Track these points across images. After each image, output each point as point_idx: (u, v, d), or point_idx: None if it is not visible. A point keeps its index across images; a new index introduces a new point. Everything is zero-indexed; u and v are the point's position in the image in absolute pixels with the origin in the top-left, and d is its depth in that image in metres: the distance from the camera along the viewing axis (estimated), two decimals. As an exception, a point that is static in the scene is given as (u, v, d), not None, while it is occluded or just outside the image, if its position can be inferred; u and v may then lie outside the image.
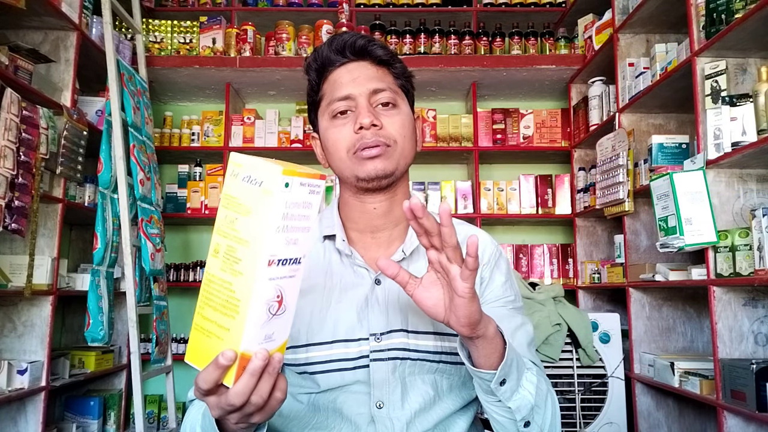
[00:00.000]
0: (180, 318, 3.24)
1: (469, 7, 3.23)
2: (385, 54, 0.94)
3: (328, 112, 0.92)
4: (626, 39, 2.57)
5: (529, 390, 0.79)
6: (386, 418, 0.85)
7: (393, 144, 0.89)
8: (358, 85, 0.90)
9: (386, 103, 0.91)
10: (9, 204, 1.93)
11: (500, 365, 0.74)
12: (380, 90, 0.91)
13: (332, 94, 0.91)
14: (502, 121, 3.21)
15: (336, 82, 0.92)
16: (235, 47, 3.04)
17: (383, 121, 0.89)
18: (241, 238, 0.60)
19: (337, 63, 0.93)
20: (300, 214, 0.61)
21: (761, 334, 1.86)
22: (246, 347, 0.60)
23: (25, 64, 2.13)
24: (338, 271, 0.93)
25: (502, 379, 0.75)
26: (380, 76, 0.93)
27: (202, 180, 3.17)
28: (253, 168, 0.59)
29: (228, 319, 0.60)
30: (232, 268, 0.60)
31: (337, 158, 0.91)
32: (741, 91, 1.90)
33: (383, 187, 0.91)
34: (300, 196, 0.60)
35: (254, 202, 0.59)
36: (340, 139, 0.90)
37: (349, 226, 0.96)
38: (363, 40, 0.92)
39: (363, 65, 0.93)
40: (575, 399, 2.43)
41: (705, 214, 1.91)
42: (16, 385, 2.08)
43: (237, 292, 0.59)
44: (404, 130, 0.92)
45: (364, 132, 0.88)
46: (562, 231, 3.42)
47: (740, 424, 1.80)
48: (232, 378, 0.60)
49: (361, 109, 0.89)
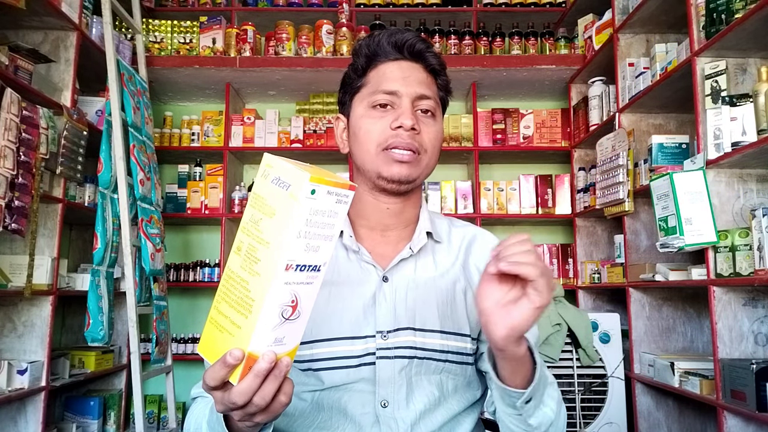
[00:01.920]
0: (180, 318, 3.24)
1: (469, 7, 3.23)
2: (438, 64, 0.95)
3: (369, 100, 0.92)
4: (626, 39, 2.57)
5: (551, 407, 0.79)
6: (391, 418, 0.85)
7: (423, 153, 0.90)
8: (407, 85, 0.90)
9: (426, 110, 0.92)
10: (9, 204, 1.93)
11: (531, 386, 0.73)
12: (426, 97, 0.91)
13: (379, 84, 0.91)
14: (502, 121, 3.21)
15: (385, 74, 0.92)
16: (235, 47, 3.04)
17: (422, 127, 0.90)
18: (263, 239, 0.60)
19: (392, 57, 0.93)
20: (324, 222, 0.60)
21: (761, 334, 1.86)
22: (254, 348, 0.60)
23: (25, 64, 2.13)
24: (345, 268, 0.92)
25: (529, 398, 0.75)
26: (428, 83, 0.93)
27: (202, 180, 3.17)
28: (282, 171, 0.59)
29: (241, 317, 0.61)
30: (251, 268, 0.61)
31: (365, 149, 0.91)
32: (741, 91, 1.90)
33: (401, 192, 0.92)
34: (326, 205, 0.60)
35: (279, 205, 0.59)
36: (373, 131, 0.90)
37: (359, 223, 0.96)
38: (423, 44, 0.93)
39: (415, 67, 0.93)
40: (575, 399, 2.43)
41: (705, 214, 1.91)
42: (16, 385, 2.08)
43: (252, 292, 0.60)
44: (436, 141, 0.93)
45: (401, 131, 0.88)
46: (562, 231, 3.42)
47: (740, 424, 1.80)
48: (238, 376, 0.61)
49: (405, 109, 0.89)
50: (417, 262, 0.93)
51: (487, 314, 0.69)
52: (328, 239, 0.62)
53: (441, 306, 0.90)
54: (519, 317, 0.66)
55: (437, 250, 0.96)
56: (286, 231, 0.58)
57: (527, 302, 0.66)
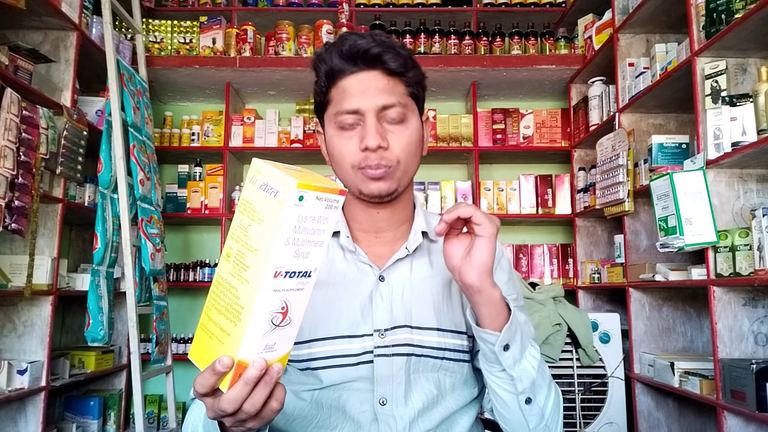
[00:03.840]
0: (180, 318, 3.24)
1: (469, 7, 3.23)
2: (399, 66, 0.88)
3: (335, 121, 0.89)
4: (626, 39, 2.57)
5: (532, 364, 0.81)
6: (389, 416, 0.85)
7: (395, 165, 0.88)
8: (367, 99, 0.86)
9: (393, 119, 0.88)
10: (9, 204, 1.93)
11: (504, 327, 0.78)
12: (389, 106, 0.87)
13: (340, 103, 0.87)
14: (502, 121, 3.21)
15: (345, 91, 0.88)
16: (235, 47, 3.05)
17: (390, 139, 0.87)
18: (252, 245, 0.59)
19: (347, 71, 0.88)
20: (314, 228, 0.60)
21: (761, 334, 1.86)
22: (244, 355, 0.59)
23: (25, 64, 2.13)
24: (342, 268, 0.93)
25: (506, 343, 0.78)
26: (391, 87, 0.88)
27: (202, 180, 3.17)
28: (270, 176, 0.59)
29: (230, 324, 0.60)
30: (240, 274, 0.60)
31: (342, 170, 0.90)
32: (741, 91, 1.90)
33: (385, 201, 0.92)
34: (315, 210, 0.59)
35: (268, 211, 0.58)
36: (345, 153, 0.88)
37: (354, 226, 0.96)
38: (377, 48, 0.86)
39: (374, 76, 0.87)
40: (575, 399, 2.43)
41: (705, 214, 1.91)
42: (16, 385, 2.08)
43: (241, 299, 0.59)
44: (410, 146, 0.89)
45: (369, 153, 0.86)
46: (562, 231, 3.42)
47: (740, 424, 1.80)
48: (228, 383, 0.60)
49: (368, 129, 0.85)
50: (413, 262, 0.93)
51: (458, 268, 0.79)
52: (318, 245, 0.61)
53: (437, 304, 0.91)
54: (480, 253, 0.77)
55: (432, 250, 0.96)
56: (275, 238, 0.57)
57: (479, 239, 0.77)
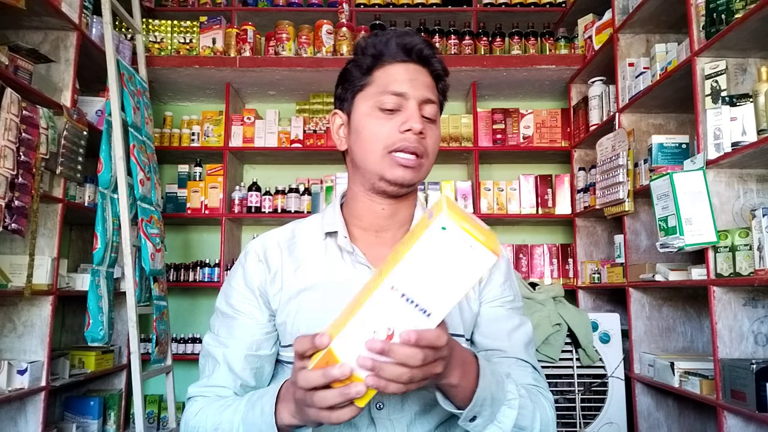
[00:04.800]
0: (180, 318, 3.24)
1: (469, 7, 3.23)
2: (442, 70, 0.96)
3: (375, 100, 0.91)
4: (626, 39, 2.57)
5: (506, 423, 0.79)
6: (386, 420, 0.85)
7: (425, 158, 0.91)
8: (414, 88, 0.90)
9: (430, 117, 0.92)
10: (9, 204, 1.93)
11: (468, 406, 0.74)
12: (431, 101, 0.92)
13: (387, 85, 0.90)
14: (502, 121, 3.21)
15: (393, 75, 0.91)
16: (235, 47, 3.05)
17: (426, 131, 0.91)
18: (394, 257, 0.61)
19: (399, 59, 0.92)
20: (451, 272, 0.58)
21: (761, 334, 1.86)
22: (337, 346, 0.61)
23: (25, 64, 2.13)
24: (340, 269, 0.92)
25: (472, 416, 0.76)
26: (432, 87, 0.94)
27: (202, 180, 3.17)
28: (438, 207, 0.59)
29: (347, 312, 0.64)
30: (375, 278, 0.63)
31: (369, 150, 0.90)
32: (741, 91, 1.90)
33: (399, 194, 0.92)
34: (455, 246, 0.57)
35: (417, 230, 0.60)
36: (380, 133, 0.89)
37: (353, 223, 0.96)
38: (430, 49, 0.93)
39: (422, 71, 0.93)
40: (575, 399, 2.43)
41: (705, 214, 1.91)
42: (16, 385, 2.08)
43: (361, 298, 0.62)
44: (436, 146, 0.94)
45: (409, 135, 0.88)
46: (562, 231, 3.42)
47: (740, 424, 1.80)
48: (314, 363, 0.63)
49: (413, 112, 0.89)
50: None
51: None
52: (450, 294, 0.59)
53: None
54: None
55: None
56: (407, 256, 0.57)
57: None
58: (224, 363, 0.89)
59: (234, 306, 0.92)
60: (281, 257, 0.93)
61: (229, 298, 0.93)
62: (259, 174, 3.43)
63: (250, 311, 0.91)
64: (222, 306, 0.94)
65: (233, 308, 0.92)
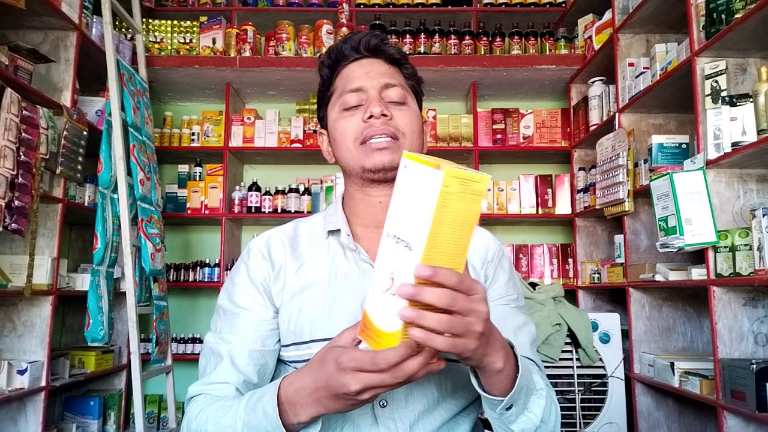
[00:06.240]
0: (180, 318, 3.24)
1: (469, 7, 3.23)
2: (397, 53, 0.97)
3: (338, 104, 0.94)
4: (626, 39, 2.57)
5: (536, 413, 0.78)
6: (389, 419, 0.85)
7: (401, 137, 0.91)
8: (370, 79, 0.92)
9: (395, 101, 0.93)
10: (9, 204, 1.93)
11: (509, 394, 0.73)
12: (392, 85, 0.93)
13: (344, 86, 0.94)
14: (502, 121, 3.21)
15: (348, 75, 0.94)
16: (235, 47, 3.04)
17: (394, 113, 0.91)
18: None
19: (351, 58, 0.95)
20: (416, 201, 0.62)
21: (761, 334, 1.86)
22: (369, 307, 0.64)
23: (25, 64, 2.13)
24: (343, 267, 0.92)
25: (509, 405, 0.75)
26: (392, 73, 0.95)
27: (202, 180, 3.17)
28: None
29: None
30: None
31: (344, 148, 0.92)
32: (741, 91, 1.90)
33: (389, 180, 0.91)
34: (417, 176, 0.63)
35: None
36: (348, 129, 0.92)
37: (354, 221, 0.96)
38: (377, 39, 0.95)
39: (376, 62, 0.95)
40: (575, 399, 2.43)
41: (705, 214, 1.91)
42: (16, 385, 2.08)
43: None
44: (413, 125, 0.93)
45: (373, 121, 0.89)
46: (562, 231, 3.42)
47: (740, 424, 1.80)
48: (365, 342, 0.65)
49: (372, 100, 0.90)
50: None
51: None
52: (418, 221, 0.61)
53: None
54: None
55: None
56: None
57: None
58: (228, 358, 0.88)
59: (237, 303, 0.92)
60: (284, 255, 0.94)
61: (233, 295, 0.93)
62: (259, 174, 3.43)
63: (254, 307, 0.91)
64: (225, 303, 0.94)
65: (237, 305, 0.92)
